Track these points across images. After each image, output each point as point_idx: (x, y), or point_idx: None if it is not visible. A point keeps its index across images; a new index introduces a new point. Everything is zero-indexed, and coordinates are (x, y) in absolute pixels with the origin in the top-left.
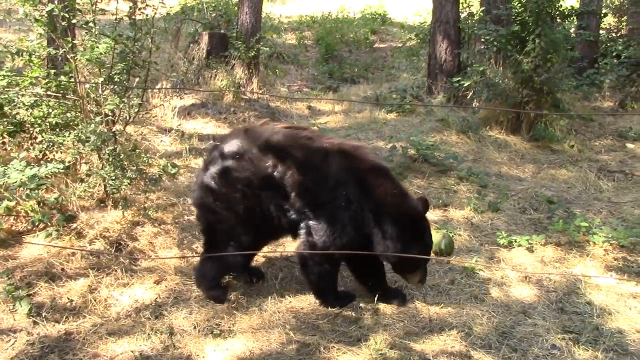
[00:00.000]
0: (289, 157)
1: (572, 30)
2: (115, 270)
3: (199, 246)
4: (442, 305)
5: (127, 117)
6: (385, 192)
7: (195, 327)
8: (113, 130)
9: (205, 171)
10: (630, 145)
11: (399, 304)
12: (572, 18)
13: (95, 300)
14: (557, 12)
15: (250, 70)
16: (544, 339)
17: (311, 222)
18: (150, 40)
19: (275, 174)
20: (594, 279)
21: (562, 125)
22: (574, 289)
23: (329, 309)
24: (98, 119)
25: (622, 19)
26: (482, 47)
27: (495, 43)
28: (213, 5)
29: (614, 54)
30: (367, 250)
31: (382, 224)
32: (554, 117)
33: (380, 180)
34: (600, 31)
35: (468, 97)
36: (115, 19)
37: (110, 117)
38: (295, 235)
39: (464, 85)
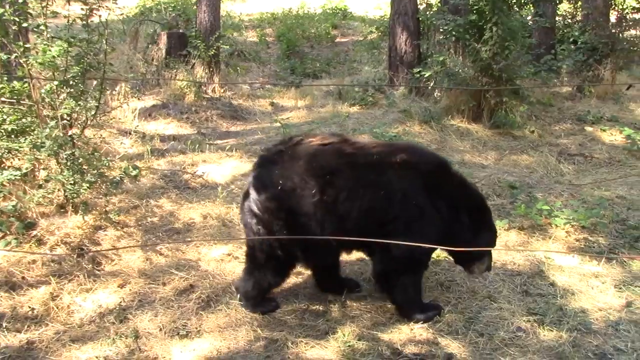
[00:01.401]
0: (336, 180)
1: (529, 17)
2: (78, 276)
3: (162, 247)
4: None
5: (85, 121)
6: (452, 187)
7: (161, 329)
8: (70, 134)
9: (248, 195)
10: (589, 129)
11: (358, 290)
12: (528, 6)
13: (57, 308)
14: (514, 1)
15: (211, 69)
16: (509, 322)
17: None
18: (104, 42)
19: (324, 198)
20: (557, 260)
21: (522, 111)
22: (538, 272)
23: (414, 323)
24: (52, 123)
25: (577, 5)
26: (441, 37)
27: (453, 33)
28: (172, 5)
29: (571, 39)
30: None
31: (456, 219)
32: (514, 103)
33: (444, 177)
34: (557, 18)
35: (429, 88)
36: (68, 21)
37: (65, 121)
38: (349, 252)
39: (425, 76)
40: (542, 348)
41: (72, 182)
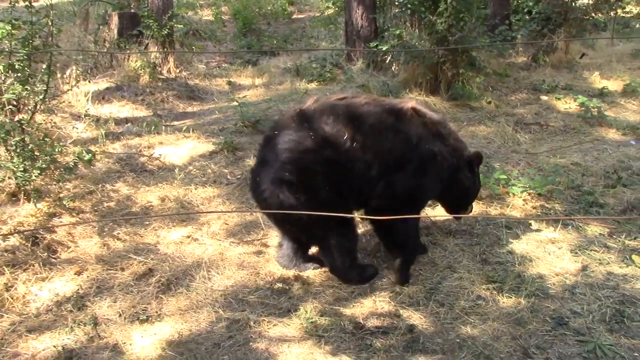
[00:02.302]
0: (362, 127)
1: None
2: (33, 265)
3: (120, 232)
4: None
5: (35, 106)
6: (455, 140)
7: (120, 315)
8: (17, 119)
9: (271, 165)
10: (544, 98)
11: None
12: None
13: (12, 298)
14: None
15: (165, 49)
16: (469, 291)
17: (396, 180)
18: (50, 24)
19: (354, 145)
20: (515, 228)
21: (478, 82)
22: (496, 240)
23: (406, 280)
24: None
25: None
26: (397, 10)
27: (409, 5)
28: None
29: (525, 10)
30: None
31: (460, 169)
32: (471, 75)
33: (447, 130)
34: None
35: (387, 62)
36: (10, 2)
37: (12, 106)
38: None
39: (382, 50)
40: (502, 315)
41: (22, 169)
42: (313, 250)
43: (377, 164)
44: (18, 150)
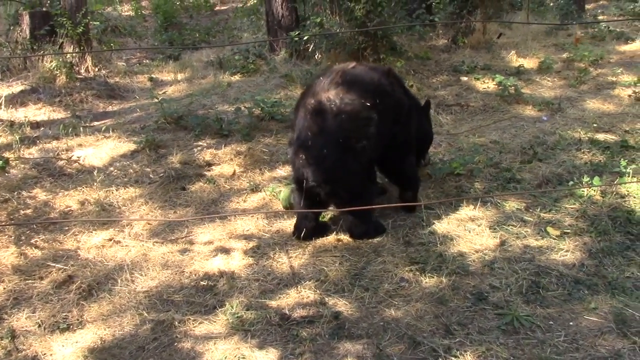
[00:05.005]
0: (376, 90)
1: None
2: None
3: (38, 240)
4: (297, 257)
5: None
6: (411, 93)
7: (40, 326)
8: None
9: (329, 134)
10: (464, 79)
11: None
12: None
13: None
14: None
15: (82, 47)
16: (393, 273)
17: (399, 133)
18: None
19: (376, 106)
20: (436, 209)
21: (400, 67)
22: (419, 222)
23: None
24: None
25: None
26: None
27: None
28: None
29: None
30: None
31: (420, 117)
32: (392, 59)
33: (405, 84)
34: None
35: (309, 50)
36: None
37: None
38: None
39: (304, 39)
40: (425, 295)
41: None
42: None
43: (385, 121)
44: None
